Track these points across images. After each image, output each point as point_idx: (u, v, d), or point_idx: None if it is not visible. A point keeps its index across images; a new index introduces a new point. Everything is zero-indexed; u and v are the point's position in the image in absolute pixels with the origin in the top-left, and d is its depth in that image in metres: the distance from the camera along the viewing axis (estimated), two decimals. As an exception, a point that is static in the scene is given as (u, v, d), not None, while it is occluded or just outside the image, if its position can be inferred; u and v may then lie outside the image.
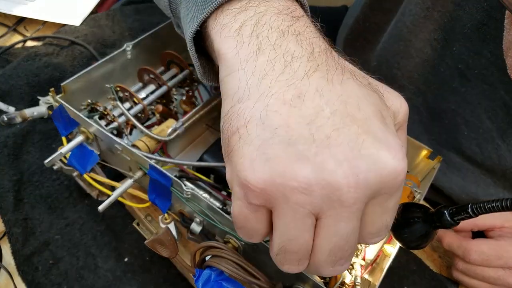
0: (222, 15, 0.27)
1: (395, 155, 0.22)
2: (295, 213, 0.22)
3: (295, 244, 0.23)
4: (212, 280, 0.31)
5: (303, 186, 0.21)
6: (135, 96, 0.45)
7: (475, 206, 0.26)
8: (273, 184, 0.22)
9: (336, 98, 0.22)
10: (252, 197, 0.23)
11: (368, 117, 0.22)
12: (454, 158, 0.50)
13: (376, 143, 0.21)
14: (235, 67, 0.25)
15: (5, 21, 0.70)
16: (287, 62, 0.24)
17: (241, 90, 0.24)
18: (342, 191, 0.21)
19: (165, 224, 0.42)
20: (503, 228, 0.43)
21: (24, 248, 0.44)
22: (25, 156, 0.51)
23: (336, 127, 0.22)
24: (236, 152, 0.23)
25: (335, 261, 0.23)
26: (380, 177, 0.21)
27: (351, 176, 0.21)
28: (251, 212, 0.24)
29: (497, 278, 0.41)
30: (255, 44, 0.25)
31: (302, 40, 0.25)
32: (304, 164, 0.21)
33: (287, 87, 0.23)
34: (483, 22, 0.40)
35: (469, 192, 0.49)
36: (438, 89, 0.47)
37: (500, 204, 0.25)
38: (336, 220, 0.22)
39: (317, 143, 0.21)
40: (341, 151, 0.21)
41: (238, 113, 0.23)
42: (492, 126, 0.44)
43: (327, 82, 0.23)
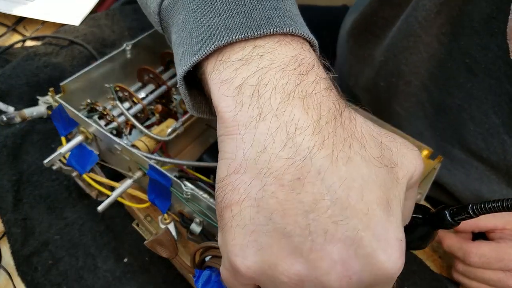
0: (222, 66, 0.24)
1: (391, 255, 0.21)
2: None
3: None
4: (212, 280, 0.31)
5: (294, 282, 0.21)
6: (134, 96, 0.45)
7: (476, 206, 0.26)
8: (263, 274, 0.21)
9: (339, 185, 0.21)
10: (240, 279, 0.23)
11: (370, 207, 0.21)
12: (458, 154, 0.50)
13: (374, 242, 0.20)
14: (233, 131, 0.23)
15: (5, 21, 0.70)
16: (289, 135, 0.21)
17: (238, 160, 0.22)
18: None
19: (164, 224, 0.42)
20: (504, 230, 0.43)
21: (23, 248, 0.43)
22: (24, 156, 0.51)
23: (335, 220, 0.20)
24: (228, 231, 0.22)
25: None
26: (374, 277, 0.21)
27: (344, 279, 0.20)
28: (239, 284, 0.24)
29: (497, 280, 0.41)
30: (255, 108, 0.22)
31: (309, 104, 0.22)
32: (297, 259, 0.20)
33: (288, 167, 0.21)
34: (492, 16, 0.40)
35: (473, 189, 0.49)
36: (444, 84, 0.47)
37: (501, 204, 0.24)
38: None
39: (313, 237, 0.20)
40: (337, 249, 0.20)
41: (233, 186, 0.22)
42: (498, 121, 0.44)
43: (331, 163, 0.21)
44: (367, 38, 0.59)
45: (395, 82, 0.52)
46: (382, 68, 0.55)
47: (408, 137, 0.44)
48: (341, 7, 0.81)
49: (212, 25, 0.25)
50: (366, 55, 0.60)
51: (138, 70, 0.48)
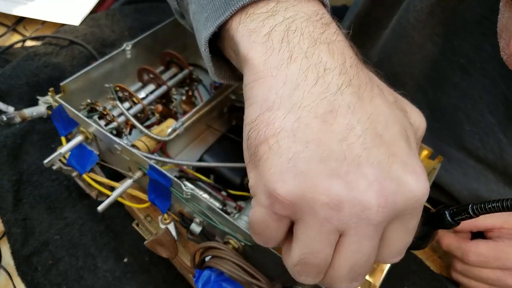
0: (248, 19, 0.26)
1: (419, 178, 0.22)
2: (321, 228, 0.22)
3: (316, 258, 0.23)
4: (212, 280, 0.31)
5: (334, 202, 0.21)
6: (134, 96, 0.45)
7: (475, 206, 0.26)
8: (303, 198, 0.22)
9: (367, 117, 0.23)
10: (278, 208, 0.23)
11: (395, 138, 0.23)
12: (455, 154, 0.50)
13: (403, 166, 0.22)
14: (265, 74, 0.24)
15: (5, 21, 0.70)
16: (320, 74, 0.23)
17: (271, 98, 0.23)
18: (372, 210, 0.21)
19: (164, 224, 0.42)
20: (502, 229, 0.43)
21: (23, 248, 0.43)
22: (24, 156, 0.51)
23: (367, 147, 0.22)
24: (265, 162, 0.23)
25: (353, 278, 0.24)
26: (406, 199, 0.22)
27: (382, 197, 0.21)
28: (274, 221, 0.23)
29: (495, 279, 0.41)
30: (286, 51, 0.24)
31: (334, 50, 0.24)
32: (336, 181, 0.21)
33: (320, 101, 0.23)
34: (485, 16, 0.40)
35: (471, 189, 0.49)
36: (439, 85, 0.47)
37: (501, 204, 0.24)
38: (361, 238, 0.22)
39: (349, 161, 0.22)
40: (371, 171, 0.22)
41: (267, 122, 0.23)
42: (493, 120, 0.44)
43: (359, 99, 0.23)
44: (362, 39, 0.59)
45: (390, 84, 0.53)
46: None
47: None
48: (341, 7, 0.81)
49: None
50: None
51: (138, 70, 0.48)
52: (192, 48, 0.59)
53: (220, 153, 0.45)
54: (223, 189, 0.42)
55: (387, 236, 0.24)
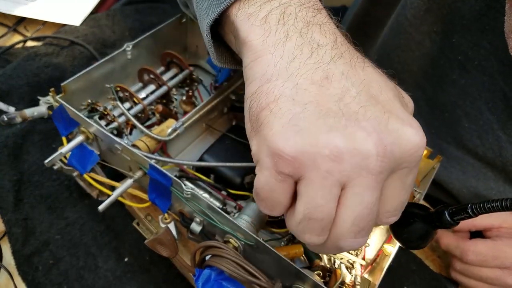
0: (246, 5, 0.28)
1: (417, 131, 0.24)
2: (324, 181, 0.23)
3: (320, 212, 0.24)
4: (212, 279, 0.31)
5: (334, 154, 0.22)
6: (135, 96, 0.45)
7: (475, 206, 0.26)
8: (305, 152, 0.23)
9: (360, 82, 0.24)
10: (282, 165, 0.23)
11: (390, 99, 0.25)
12: (454, 152, 0.50)
13: (400, 120, 0.23)
14: (263, 53, 0.26)
15: (5, 21, 0.70)
16: (313, 48, 0.25)
17: (270, 71, 0.25)
18: (371, 159, 0.22)
19: (165, 224, 0.42)
20: (500, 229, 0.43)
21: (24, 248, 0.44)
22: (25, 156, 0.51)
23: (363, 105, 0.23)
24: (267, 125, 0.24)
25: (357, 232, 0.24)
26: (404, 150, 0.23)
27: (380, 146, 0.22)
28: (278, 182, 0.24)
29: (494, 278, 0.41)
30: (282, 32, 0.26)
31: (326, 30, 0.26)
32: (335, 134, 0.23)
33: (315, 69, 0.24)
34: (482, 13, 0.40)
35: (470, 186, 0.49)
36: (438, 82, 0.48)
37: (500, 204, 0.25)
38: (362, 188, 0.23)
39: (346, 117, 0.23)
40: (369, 124, 0.23)
41: (267, 91, 0.25)
42: (492, 117, 0.44)
43: (351, 67, 0.25)
44: (361, 39, 0.59)
45: None
46: None
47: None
48: (340, 7, 0.82)
49: None
50: None
51: (139, 71, 0.49)
52: (192, 48, 0.59)
53: (220, 153, 0.45)
54: (223, 189, 0.42)
55: (385, 192, 0.24)
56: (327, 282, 0.37)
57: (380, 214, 0.25)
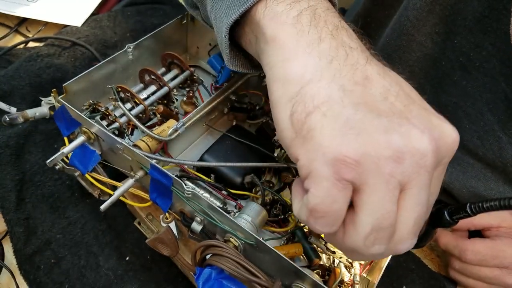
0: (273, 3, 0.28)
1: (453, 127, 0.25)
2: (388, 185, 0.22)
3: (388, 219, 0.23)
4: (212, 278, 0.31)
5: (396, 154, 0.22)
6: (136, 97, 0.45)
7: (473, 205, 0.26)
8: (368, 155, 0.22)
9: (395, 82, 0.25)
10: (345, 171, 0.22)
11: (419, 98, 0.25)
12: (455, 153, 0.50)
13: (437, 118, 0.24)
14: (297, 52, 0.26)
15: (7, 22, 0.70)
16: (348, 51, 0.26)
17: (309, 72, 0.25)
18: (428, 157, 0.23)
19: (166, 223, 0.42)
20: (499, 228, 0.43)
21: (26, 247, 0.44)
22: (27, 156, 0.51)
23: (405, 104, 0.24)
24: (321, 129, 0.23)
25: (416, 232, 0.24)
26: (448, 145, 0.24)
27: (433, 142, 0.23)
28: (340, 190, 0.23)
29: (493, 277, 0.41)
30: (315, 33, 0.26)
31: (351, 34, 0.27)
32: (393, 134, 0.23)
33: (355, 70, 0.25)
34: (484, 14, 0.40)
35: (469, 187, 0.49)
36: (439, 83, 0.48)
37: (499, 203, 0.25)
38: (420, 188, 0.23)
39: (397, 115, 0.23)
40: (418, 121, 0.23)
41: (312, 93, 0.24)
42: (493, 118, 0.44)
43: (383, 69, 0.26)
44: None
45: None
46: None
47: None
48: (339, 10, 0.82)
49: None
50: None
51: (140, 71, 0.49)
52: (193, 49, 0.59)
53: (221, 153, 0.46)
54: (223, 188, 0.43)
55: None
56: (327, 281, 0.37)
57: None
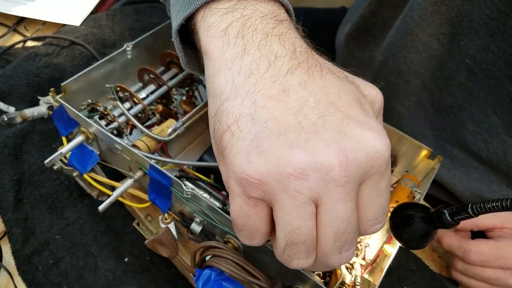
0: (209, 13, 0.28)
1: (378, 134, 0.23)
2: (294, 201, 0.22)
3: (300, 233, 0.23)
4: (212, 280, 0.31)
5: (298, 171, 0.22)
6: (135, 96, 0.45)
7: (475, 206, 0.26)
8: (270, 173, 0.22)
9: (318, 90, 0.24)
10: (251, 190, 0.23)
11: (349, 104, 0.24)
12: (458, 154, 0.50)
13: (360, 125, 0.23)
14: (221, 67, 0.26)
15: (5, 21, 0.70)
16: (271, 61, 0.25)
17: (228, 88, 0.25)
18: (335, 171, 0.22)
19: (165, 224, 0.42)
20: (503, 229, 0.43)
21: (24, 248, 0.44)
22: (25, 156, 0.51)
23: (322, 115, 0.23)
24: (230, 148, 0.24)
25: (341, 246, 0.24)
26: (367, 155, 0.23)
27: (341, 156, 0.22)
28: (251, 207, 0.24)
29: (496, 278, 0.41)
30: (240, 45, 0.26)
31: (285, 40, 0.26)
32: (297, 151, 0.22)
33: (272, 83, 0.24)
34: (492, 17, 0.40)
35: (473, 189, 0.49)
36: (445, 84, 0.47)
37: (501, 204, 0.25)
38: (334, 202, 0.23)
39: (306, 130, 0.23)
40: (329, 135, 0.23)
41: (227, 111, 0.24)
42: (498, 121, 0.44)
43: (309, 76, 0.24)
44: (367, 39, 0.59)
45: (394, 81, 0.53)
46: (382, 68, 0.55)
47: (407, 137, 0.44)
48: (340, 8, 0.82)
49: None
50: (366, 57, 0.60)
51: (139, 71, 0.49)
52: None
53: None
54: (223, 189, 0.42)
55: (361, 201, 0.24)
56: (327, 282, 0.37)
57: (363, 223, 0.25)
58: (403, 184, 0.43)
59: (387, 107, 0.57)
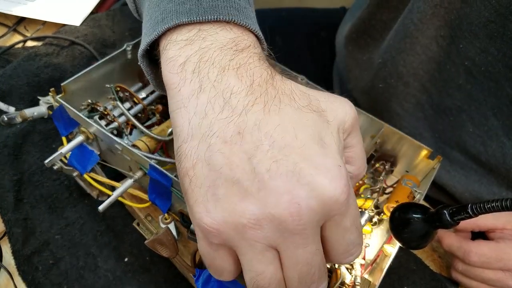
0: (168, 45, 0.27)
1: (332, 178, 0.22)
2: (253, 249, 0.23)
3: (264, 278, 0.24)
4: (212, 280, 0.31)
5: (252, 222, 0.22)
6: (135, 96, 0.45)
7: (474, 206, 0.26)
8: (226, 223, 0.22)
9: (273, 129, 0.23)
10: (211, 237, 0.23)
11: (306, 143, 0.23)
12: (457, 156, 0.50)
13: (315, 170, 0.22)
14: (179, 105, 0.25)
15: (5, 21, 0.70)
16: (226, 100, 0.24)
17: (185, 129, 0.24)
18: (287, 222, 0.22)
19: (165, 224, 0.42)
20: (504, 230, 0.43)
21: (24, 248, 0.44)
22: (25, 156, 0.51)
23: (275, 159, 0.22)
24: (190, 195, 0.24)
25: (309, 286, 0.24)
26: (322, 201, 0.22)
27: (293, 206, 0.21)
28: (214, 251, 0.24)
29: (496, 280, 0.41)
30: (196, 82, 0.25)
31: (242, 73, 0.25)
32: (250, 201, 0.22)
33: (227, 124, 0.23)
34: (491, 19, 0.40)
35: (472, 191, 0.49)
36: (444, 86, 0.47)
37: (500, 204, 0.25)
38: (293, 248, 0.22)
39: (259, 178, 0.22)
40: (281, 183, 0.22)
41: (185, 154, 0.24)
42: (497, 123, 0.44)
43: (264, 114, 0.23)
44: (366, 41, 0.59)
45: (393, 83, 0.53)
46: (381, 70, 0.55)
47: (407, 137, 0.44)
48: (340, 9, 0.82)
49: (166, 10, 0.28)
50: (365, 59, 0.60)
51: (139, 71, 0.49)
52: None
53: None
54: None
55: (326, 238, 0.24)
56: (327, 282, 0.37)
57: (334, 257, 0.25)
58: (403, 184, 0.43)
59: (386, 109, 0.57)
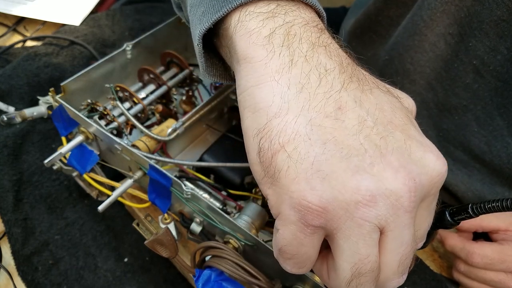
0: (247, 18, 0.25)
1: (438, 156, 0.23)
2: (361, 229, 0.21)
3: (368, 263, 0.22)
4: (212, 280, 0.31)
5: (367, 198, 0.21)
6: (135, 96, 0.45)
7: (475, 206, 0.26)
8: (336, 201, 0.21)
9: (374, 107, 0.23)
10: (311, 218, 0.21)
11: (405, 122, 0.23)
12: (461, 156, 0.49)
13: (421, 146, 0.22)
14: (265, 78, 0.24)
15: (5, 21, 0.70)
16: (322, 75, 0.23)
17: (276, 103, 0.23)
18: (405, 197, 0.21)
19: (165, 224, 0.42)
20: (507, 231, 0.43)
21: (23, 248, 0.44)
22: (25, 156, 0.51)
23: (382, 135, 0.22)
24: (287, 171, 0.22)
25: (403, 271, 0.23)
26: (431, 178, 0.22)
27: (410, 181, 0.21)
28: (307, 235, 0.22)
29: (498, 281, 0.41)
30: (286, 55, 0.24)
31: (331, 51, 0.24)
32: (363, 176, 0.21)
33: (326, 100, 0.22)
34: (503, 18, 0.39)
35: (475, 190, 0.49)
36: (450, 85, 0.47)
37: (501, 204, 0.24)
38: (401, 229, 0.22)
39: (370, 153, 0.21)
40: (394, 158, 0.21)
41: (279, 129, 0.22)
42: (503, 123, 0.43)
43: (362, 92, 0.23)
44: (371, 37, 0.59)
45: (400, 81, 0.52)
46: (387, 67, 0.55)
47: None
48: (340, 8, 0.81)
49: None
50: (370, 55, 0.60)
51: (139, 70, 0.49)
52: (192, 48, 0.59)
53: (220, 153, 0.45)
54: (223, 189, 0.42)
55: (415, 222, 0.23)
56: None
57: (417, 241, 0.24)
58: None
59: None
